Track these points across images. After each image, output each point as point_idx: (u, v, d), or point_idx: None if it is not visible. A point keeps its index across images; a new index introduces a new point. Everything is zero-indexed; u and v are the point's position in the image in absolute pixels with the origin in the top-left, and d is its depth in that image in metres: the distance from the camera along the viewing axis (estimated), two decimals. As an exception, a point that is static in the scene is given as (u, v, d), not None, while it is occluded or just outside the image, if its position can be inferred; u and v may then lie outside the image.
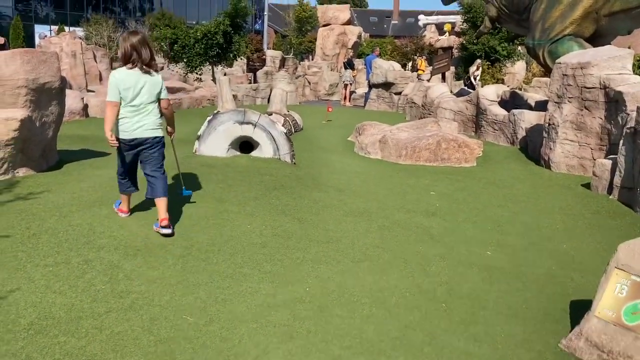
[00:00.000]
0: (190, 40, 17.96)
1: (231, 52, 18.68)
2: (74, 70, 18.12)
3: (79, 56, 18.67)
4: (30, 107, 5.84)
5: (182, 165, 6.11)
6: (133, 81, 4.34)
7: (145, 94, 4.41)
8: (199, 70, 18.70)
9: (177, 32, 18.49)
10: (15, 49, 24.01)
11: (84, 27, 36.01)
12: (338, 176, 6.79)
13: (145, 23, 38.27)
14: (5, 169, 5.69)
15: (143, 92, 4.39)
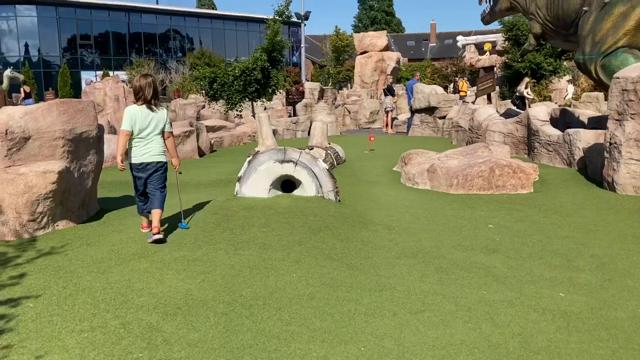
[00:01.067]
0: (229, 77, 18.10)
1: (270, 86, 18.72)
2: (118, 113, 18.48)
3: (122, 99, 19.06)
4: (68, 158, 5.76)
5: (222, 210, 5.91)
6: (142, 115, 5.27)
7: (151, 127, 5.33)
8: (239, 107, 18.78)
9: (215, 70, 18.68)
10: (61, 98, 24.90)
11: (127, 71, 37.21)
12: (386, 212, 6.44)
13: (186, 63, 39.26)
14: (45, 222, 5.58)
15: (150, 126, 5.31)
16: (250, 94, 18.46)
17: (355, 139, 15.91)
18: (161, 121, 5.37)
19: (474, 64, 35.31)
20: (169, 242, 5.10)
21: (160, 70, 37.06)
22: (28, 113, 5.52)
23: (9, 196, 5.36)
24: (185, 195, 7.86)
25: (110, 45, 48.62)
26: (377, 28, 61.88)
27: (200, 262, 4.60)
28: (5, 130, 5.30)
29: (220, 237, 5.20)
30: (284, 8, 18.84)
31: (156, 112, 5.33)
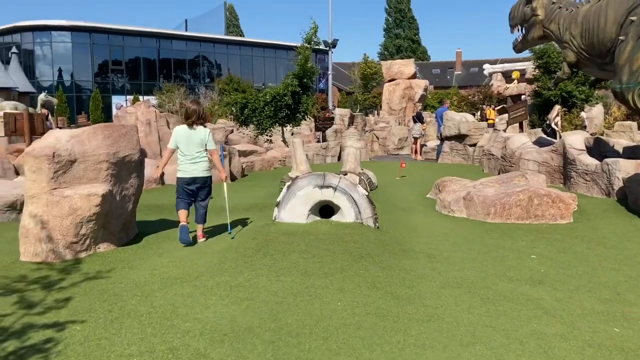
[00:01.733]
0: (260, 103, 18.29)
1: (299, 112, 18.85)
2: (149, 137, 18.74)
3: (153, 124, 19.34)
4: (111, 181, 5.83)
5: (261, 235, 5.90)
6: (185, 135, 6.27)
7: (193, 144, 6.25)
8: (269, 132, 18.93)
9: (247, 96, 18.91)
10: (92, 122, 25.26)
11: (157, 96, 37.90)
12: (425, 240, 6.36)
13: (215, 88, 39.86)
14: (88, 244, 5.64)
15: (192, 144, 6.25)
16: (280, 119, 18.60)
17: (385, 165, 15.87)
18: (200, 139, 6.27)
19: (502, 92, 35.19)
20: (209, 267, 5.09)
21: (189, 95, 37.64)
22: (74, 136, 5.63)
23: (54, 218, 5.44)
24: (221, 219, 7.90)
25: (141, 70, 49.70)
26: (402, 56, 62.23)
27: (243, 287, 4.57)
28: (53, 153, 5.40)
29: (261, 262, 5.17)
30: (312, 34, 19.05)
31: (196, 130, 6.28)
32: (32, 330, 3.84)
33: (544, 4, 12.11)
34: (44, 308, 4.26)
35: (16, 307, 4.29)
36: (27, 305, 4.32)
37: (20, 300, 4.45)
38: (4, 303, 4.37)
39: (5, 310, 4.21)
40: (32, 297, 4.52)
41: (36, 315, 4.11)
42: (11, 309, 4.26)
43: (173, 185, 11.78)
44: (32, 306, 4.31)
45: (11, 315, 4.13)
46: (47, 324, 3.95)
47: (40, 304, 4.35)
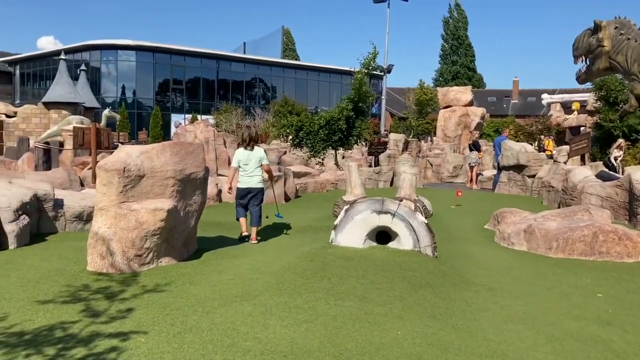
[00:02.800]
0: (315, 126, 18.47)
1: (353, 136, 18.91)
2: (207, 156, 19.10)
3: (212, 142, 19.77)
4: (177, 197, 5.98)
5: (318, 257, 5.91)
6: (245, 155, 7.81)
7: (251, 162, 7.80)
8: (322, 155, 19.05)
9: (302, 119, 19.13)
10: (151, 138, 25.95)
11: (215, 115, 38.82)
12: (485, 272, 6.21)
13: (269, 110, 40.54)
14: (151, 258, 5.78)
15: (250, 162, 7.79)
16: (333, 142, 18.70)
17: (439, 193, 15.66)
18: (258, 157, 7.86)
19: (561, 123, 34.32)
20: (268, 287, 5.12)
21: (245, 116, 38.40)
22: (144, 152, 5.81)
23: (121, 230, 5.60)
24: (277, 239, 7.96)
25: (200, 90, 51.09)
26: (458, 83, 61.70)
27: (302, 309, 4.57)
28: (124, 168, 5.59)
29: (318, 285, 5.17)
30: (370, 59, 19.17)
31: (254, 151, 7.85)
32: (98, 338, 3.94)
33: (610, 35, 11.80)
34: (109, 318, 4.38)
35: (82, 315, 4.41)
36: (92, 314, 4.45)
37: (86, 308, 4.59)
38: (71, 310, 4.51)
39: (73, 318, 4.35)
40: (97, 306, 4.65)
41: (102, 324, 4.22)
42: (78, 316, 4.39)
43: (230, 203, 12.07)
44: (98, 315, 4.43)
45: (78, 322, 4.25)
46: (113, 333, 4.05)
47: (105, 314, 4.46)
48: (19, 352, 3.68)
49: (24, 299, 4.78)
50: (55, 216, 7.82)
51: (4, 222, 6.66)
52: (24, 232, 6.88)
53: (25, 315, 4.40)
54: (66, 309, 4.54)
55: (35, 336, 3.97)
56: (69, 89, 29.10)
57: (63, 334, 4.01)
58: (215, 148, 19.76)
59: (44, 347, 3.77)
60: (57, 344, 3.83)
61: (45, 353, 3.67)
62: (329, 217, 9.83)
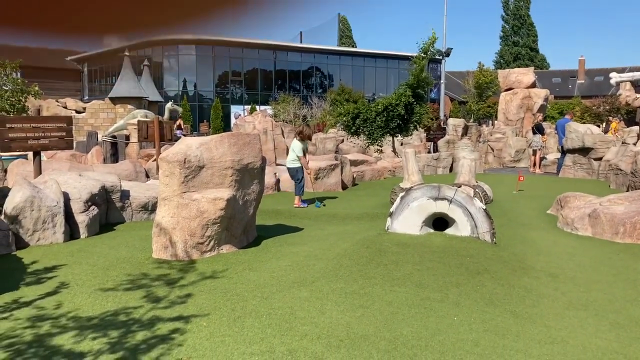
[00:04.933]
0: (372, 113, 18.37)
1: (412, 122, 18.70)
2: (265, 145, 19.46)
3: (270, 133, 20.08)
4: (235, 187, 6.15)
5: (374, 244, 5.94)
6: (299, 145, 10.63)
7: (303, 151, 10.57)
8: (380, 142, 18.95)
9: (359, 106, 19.07)
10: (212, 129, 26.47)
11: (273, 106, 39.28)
12: (547, 258, 6.06)
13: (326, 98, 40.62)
14: (212, 245, 5.98)
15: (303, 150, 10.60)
16: (391, 129, 18.56)
17: (500, 178, 15.30)
18: (292, 147, 10.72)
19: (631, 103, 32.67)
20: (325, 273, 5.20)
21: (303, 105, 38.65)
22: (203, 144, 6.00)
23: (183, 219, 5.83)
24: (335, 227, 8.04)
25: (258, 81, 51.78)
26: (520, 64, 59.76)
27: (358, 295, 4.63)
28: (184, 159, 5.79)
29: (374, 272, 5.20)
30: (429, 45, 18.84)
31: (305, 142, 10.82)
32: (162, 322, 4.15)
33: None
34: (172, 303, 4.58)
35: (147, 300, 4.65)
36: (157, 299, 4.67)
37: (150, 294, 4.82)
38: (137, 296, 4.76)
39: (139, 303, 4.58)
40: (161, 292, 4.87)
41: (166, 309, 4.43)
42: (143, 301, 4.62)
43: (288, 192, 12.29)
44: (161, 300, 4.64)
45: (143, 307, 4.49)
46: (176, 317, 4.25)
47: (169, 299, 4.67)
48: (87, 334, 3.93)
49: (94, 285, 5.07)
50: (123, 206, 8.19)
51: (75, 212, 7.05)
52: (93, 222, 7.26)
53: (95, 300, 4.68)
54: (133, 295, 4.79)
55: (102, 320, 4.22)
56: (133, 84, 30.21)
57: (128, 318, 4.24)
58: (274, 138, 20.06)
59: (109, 330, 4.00)
60: (122, 327, 4.06)
61: (111, 335, 3.90)
62: (386, 205, 9.81)
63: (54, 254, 6.24)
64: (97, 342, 3.79)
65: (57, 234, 6.75)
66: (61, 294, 4.84)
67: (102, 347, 3.71)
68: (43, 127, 9.13)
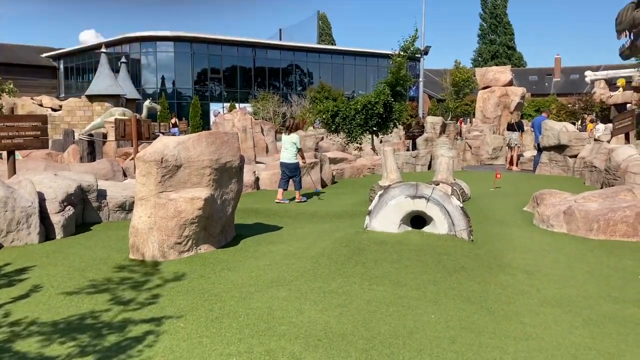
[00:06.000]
0: (351, 111, 18.42)
1: (391, 120, 18.79)
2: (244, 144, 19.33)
3: (249, 131, 19.96)
4: (213, 186, 6.11)
5: (353, 242, 5.95)
6: (284, 139, 10.93)
7: (286, 144, 10.80)
8: (359, 140, 19.01)
9: (338, 104, 19.11)
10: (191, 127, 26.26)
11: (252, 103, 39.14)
12: (523, 255, 6.14)
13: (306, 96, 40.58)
14: (190, 245, 5.93)
15: (286, 143, 10.82)
16: (371, 127, 18.63)
17: (478, 175, 15.46)
18: (291, 141, 10.81)
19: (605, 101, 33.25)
20: (303, 272, 5.20)
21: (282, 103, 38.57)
22: (180, 143, 5.95)
23: (160, 219, 5.77)
24: (314, 225, 8.04)
25: (237, 78, 51.54)
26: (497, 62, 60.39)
27: (336, 294, 4.64)
28: (161, 159, 5.74)
29: (353, 270, 5.22)
30: (410, 44, 18.94)
31: (289, 136, 10.82)
32: (138, 324, 4.10)
33: (656, 8, 11.37)
34: (149, 303, 4.53)
35: (124, 301, 4.59)
36: (134, 301, 4.61)
37: (128, 295, 4.76)
38: (114, 297, 4.70)
39: (116, 304, 4.53)
40: (137, 293, 4.81)
41: (142, 310, 4.38)
42: (120, 303, 4.56)
43: (267, 191, 12.26)
44: (139, 301, 4.59)
45: (120, 308, 4.43)
46: (153, 318, 4.20)
47: (146, 300, 4.62)
48: (55, 339, 3.87)
49: (69, 287, 4.99)
50: (99, 206, 8.08)
51: (51, 213, 6.94)
52: (69, 223, 7.15)
53: (70, 302, 4.61)
54: (108, 296, 4.73)
55: (76, 322, 4.16)
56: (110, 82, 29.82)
57: (102, 320, 4.19)
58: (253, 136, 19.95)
59: (81, 333, 3.95)
60: (96, 329, 4.01)
61: (82, 339, 3.85)
62: (365, 203, 9.84)
63: (29, 255, 6.14)
64: (65, 347, 3.72)
65: (32, 235, 6.64)
66: (34, 296, 4.75)
67: (73, 351, 3.65)
68: (18, 126, 8.96)
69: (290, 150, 10.74)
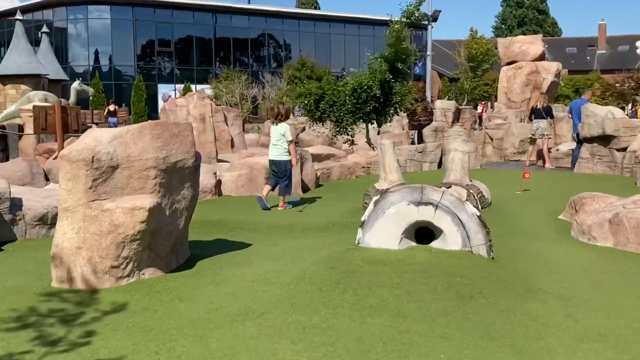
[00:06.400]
0: (340, 95, 18.46)
1: (390, 105, 18.87)
2: (203, 136, 19.35)
3: (209, 120, 19.97)
4: (160, 192, 6.09)
5: (342, 263, 5.99)
6: (272, 129, 11.57)
7: (274, 136, 11.27)
8: (351, 131, 19.06)
9: (323, 86, 19.15)
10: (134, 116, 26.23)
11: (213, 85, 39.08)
12: (556, 276, 6.21)
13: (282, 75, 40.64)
14: (130, 270, 5.90)
15: (273, 136, 11.30)
16: (365, 114, 18.69)
17: (501, 175, 15.60)
18: (279, 132, 11.16)
19: (662, 78, 33.71)
20: (277, 302, 5.21)
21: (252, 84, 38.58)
22: (118, 137, 5.92)
23: (92, 236, 5.74)
24: (292, 241, 8.06)
25: (193, 53, 51.45)
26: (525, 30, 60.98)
27: (319, 330, 4.65)
28: (92, 157, 5.70)
29: (341, 298, 5.23)
30: (415, 8, 19.03)
31: (277, 126, 11.23)
32: (66, 372, 4.07)
33: None
34: (74, 344, 4.49)
35: (46, 342, 4.54)
36: (59, 341, 4.58)
37: (51, 334, 4.72)
38: (34, 337, 4.65)
39: (36, 345, 4.48)
40: (61, 331, 4.77)
41: (70, 352, 4.34)
42: (41, 344, 4.52)
43: (232, 197, 12.25)
44: (66, 341, 4.56)
45: (41, 351, 4.39)
46: (83, 365, 4.18)
47: (70, 340, 4.58)
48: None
49: (-26, 325, 4.94)
50: (13, 219, 8.02)
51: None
52: (-26, 241, 7.09)
53: (-24, 344, 4.56)
54: (24, 336, 4.68)
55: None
56: (28, 58, 29.57)
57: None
58: (214, 127, 19.96)
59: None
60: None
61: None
62: (358, 211, 9.86)
63: None
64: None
65: None
66: None
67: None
68: None
69: (280, 145, 11.08)
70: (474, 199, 9.78)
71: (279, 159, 11.10)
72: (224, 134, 21.58)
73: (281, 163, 11.09)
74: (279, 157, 11.11)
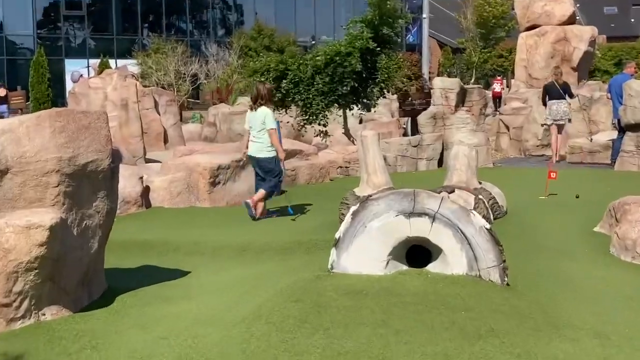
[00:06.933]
0: (308, 70, 18.44)
1: (375, 84, 18.90)
2: (125, 129, 19.28)
3: (133, 106, 19.88)
4: (65, 205, 6.03)
5: (310, 294, 5.98)
6: (249, 117, 11.36)
7: (255, 125, 11.16)
8: (323, 119, 19.04)
9: (286, 59, 19.11)
10: (35, 101, 26.11)
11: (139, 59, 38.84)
12: (591, 306, 6.27)
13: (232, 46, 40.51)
14: (26, 309, 5.84)
15: (254, 125, 11.16)
16: (342, 97, 18.70)
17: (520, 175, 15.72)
18: (260, 120, 10.99)
19: None
20: (223, 349, 5.19)
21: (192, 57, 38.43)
22: (7, 131, 5.86)
23: (-27, 265, 5.67)
24: (244, 267, 8.04)
25: (112, 17, 51.17)
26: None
27: (279, 388, 4.65)
28: (-28, 159, 5.64)
29: (308, 342, 5.22)
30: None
31: (257, 112, 11.06)
32: None
33: None
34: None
35: None
36: None
37: None
38: None
39: None
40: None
41: None
42: None
43: (164, 209, 12.17)
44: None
45: None
46: None
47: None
48: None
49: None
50: None
51: None
52: None
53: None
54: None
55: None
56: None
57: None
58: (140, 115, 19.88)
59: None
60: None
61: None
62: (332, 225, 9.85)
63: None
64: None
65: None
66: None
67: None
68: None
69: (261, 138, 11.08)
70: (483, 207, 9.83)
71: (261, 156, 11.10)
72: (154, 125, 21.49)
73: (265, 161, 11.09)
74: (261, 153, 11.07)
